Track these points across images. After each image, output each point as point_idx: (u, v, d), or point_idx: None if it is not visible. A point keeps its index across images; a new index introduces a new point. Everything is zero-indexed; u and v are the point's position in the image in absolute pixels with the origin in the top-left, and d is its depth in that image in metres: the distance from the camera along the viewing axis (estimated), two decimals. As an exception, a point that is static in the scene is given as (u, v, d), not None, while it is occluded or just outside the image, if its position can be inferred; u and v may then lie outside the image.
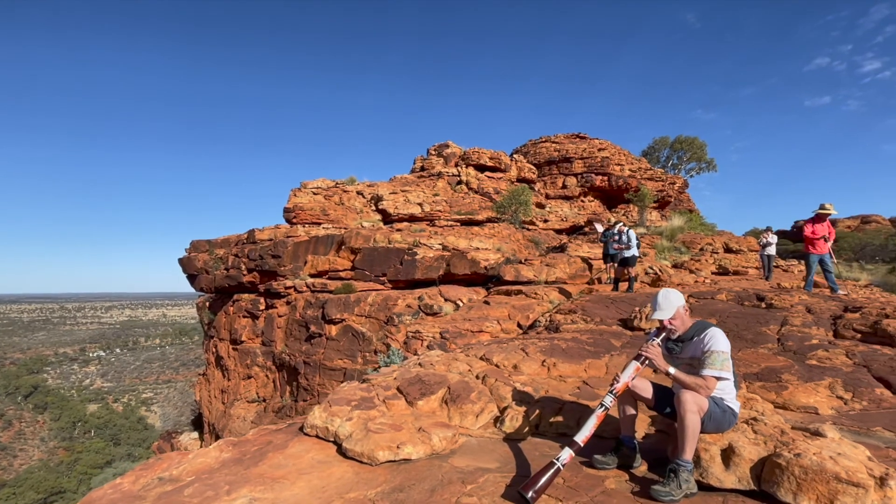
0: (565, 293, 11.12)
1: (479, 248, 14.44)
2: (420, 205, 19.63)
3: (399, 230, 16.33)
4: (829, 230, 9.12)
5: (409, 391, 4.10)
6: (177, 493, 2.69)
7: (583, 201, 27.22)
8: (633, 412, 3.02)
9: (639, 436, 3.05)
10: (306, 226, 18.08)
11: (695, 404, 2.59)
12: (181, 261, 21.11)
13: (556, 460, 2.60)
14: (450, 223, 19.12)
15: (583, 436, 2.73)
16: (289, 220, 18.87)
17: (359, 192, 20.88)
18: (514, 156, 27.83)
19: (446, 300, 11.82)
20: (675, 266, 15.39)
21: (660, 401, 2.96)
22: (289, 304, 15.41)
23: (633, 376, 2.88)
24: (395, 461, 3.07)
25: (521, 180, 25.71)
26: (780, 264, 17.20)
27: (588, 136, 29.82)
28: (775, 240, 13.97)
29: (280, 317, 15.58)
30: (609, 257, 12.17)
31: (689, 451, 2.58)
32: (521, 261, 13.89)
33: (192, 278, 20.34)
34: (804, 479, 2.25)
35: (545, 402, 3.90)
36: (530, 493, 2.45)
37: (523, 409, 3.81)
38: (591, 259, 14.52)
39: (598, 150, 28.38)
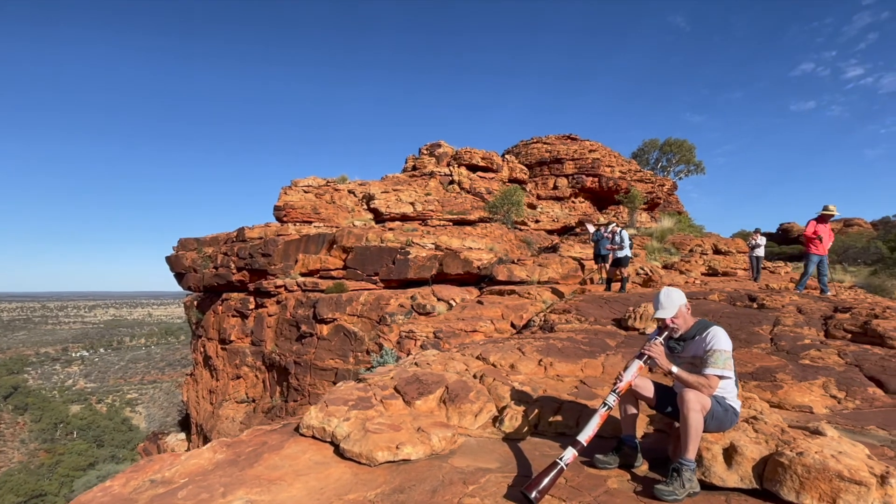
0: (558, 293, 11.16)
1: (471, 248, 14.43)
2: (412, 204, 19.58)
3: (391, 229, 16.25)
4: (829, 233, 9.22)
5: (406, 391, 4.04)
6: (170, 496, 2.61)
7: (573, 202, 27.36)
8: (634, 411, 3.01)
9: (638, 435, 3.04)
10: (297, 224, 17.91)
11: (698, 403, 2.58)
12: (169, 259, 20.78)
13: (559, 460, 2.58)
14: (442, 223, 19.09)
15: (586, 435, 2.71)
16: (279, 219, 18.67)
17: (350, 191, 20.76)
18: (506, 156, 27.90)
19: (439, 300, 11.78)
20: (666, 267, 15.54)
21: (661, 400, 2.94)
22: (279, 303, 15.24)
23: (636, 375, 2.86)
24: (394, 462, 3.02)
25: (512, 181, 25.79)
26: (767, 266, 17.45)
27: (579, 137, 29.99)
28: (764, 242, 14.17)
29: (270, 316, 15.40)
30: (600, 258, 12.22)
31: (692, 451, 2.57)
32: (514, 261, 13.91)
33: (179, 277, 20.03)
34: (807, 477, 2.25)
35: (543, 401, 3.88)
36: (534, 494, 2.42)
37: (522, 408, 3.79)
38: (584, 259, 14.60)
39: (589, 151, 28.57)
